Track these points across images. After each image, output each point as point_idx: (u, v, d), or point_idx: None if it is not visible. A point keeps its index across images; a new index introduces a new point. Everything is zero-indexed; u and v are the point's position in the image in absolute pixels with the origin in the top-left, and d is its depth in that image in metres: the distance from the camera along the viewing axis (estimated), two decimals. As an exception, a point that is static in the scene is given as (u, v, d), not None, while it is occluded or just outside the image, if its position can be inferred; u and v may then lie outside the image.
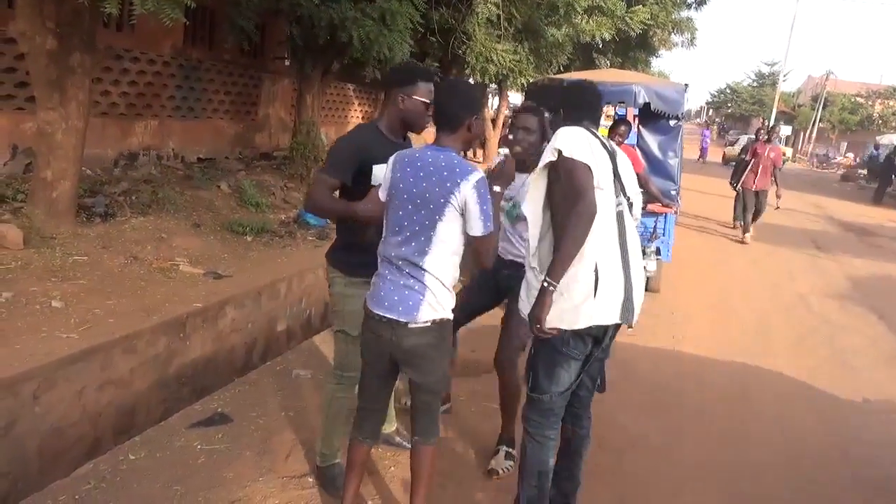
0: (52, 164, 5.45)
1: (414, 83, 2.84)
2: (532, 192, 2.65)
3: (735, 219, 11.99)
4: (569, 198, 2.46)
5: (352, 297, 2.91)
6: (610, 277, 2.54)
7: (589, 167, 2.48)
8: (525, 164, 3.38)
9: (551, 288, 2.47)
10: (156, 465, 3.21)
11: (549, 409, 2.73)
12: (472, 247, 2.50)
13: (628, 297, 2.60)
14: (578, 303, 2.51)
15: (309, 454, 3.41)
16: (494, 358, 3.50)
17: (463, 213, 2.43)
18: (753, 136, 13.45)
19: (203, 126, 9.39)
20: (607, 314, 2.58)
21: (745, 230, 11.17)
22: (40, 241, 5.18)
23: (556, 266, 2.46)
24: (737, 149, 34.93)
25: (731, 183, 11.79)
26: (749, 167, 11.10)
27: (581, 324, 2.54)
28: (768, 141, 11.24)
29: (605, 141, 2.68)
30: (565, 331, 2.56)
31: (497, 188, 2.72)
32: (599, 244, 2.51)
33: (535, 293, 2.55)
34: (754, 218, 11.13)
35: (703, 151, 31.58)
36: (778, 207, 11.92)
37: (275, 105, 11.05)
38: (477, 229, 2.43)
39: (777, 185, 11.22)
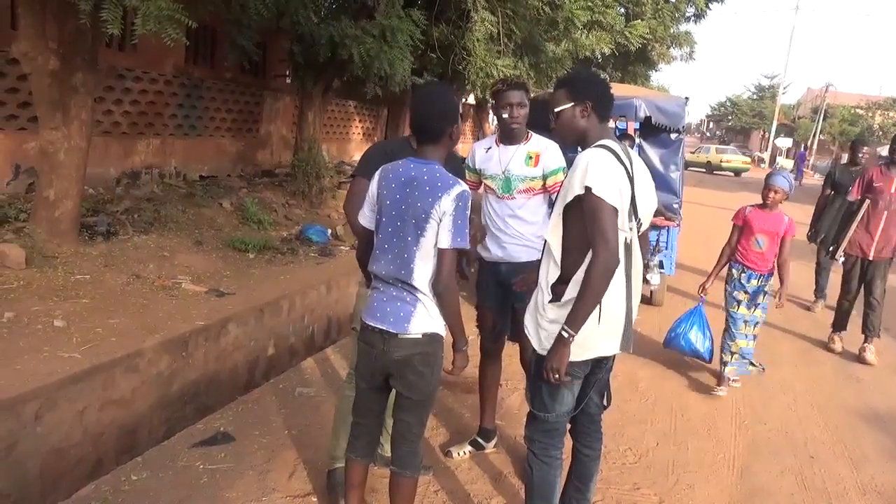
0: (54, 183, 5.47)
1: None
2: (555, 221, 2.57)
3: (817, 297, 7.64)
4: (592, 241, 2.37)
5: (364, 297, 2.98)
6: (613, 310, 2.52)
7: (616, 210, 2.38)
8: (517, 137, 3.44)
9: (571, 338, 2.41)
10: (158, 486, 3.18)
11: (554, 428, 2.70)
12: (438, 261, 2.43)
13: (628, 327, 2.59)
14: (583, 337, 2.46)
15: (313, 472, 3.39)
16: (521, 358, 3.67)
17: (439, 225, 2.40)
18: (847, 158, 7.63)
19: (205, 144, 9.42)
20: (608, 345, 2.58)
21: (839, 326, 6.36)
22: (42, 260, 5.18)
23: (576, 317, 2.39)
24: (704, 155, 34.10)
25: (812, 238, 7.34)
26: (860, 216, 6.00)
27: (584, 356, 2.53)
28: (893, 164, 5.94)
29: (625, 157, 2.53)
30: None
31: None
32: None
33: (544, 315, 2.53)
34: (868, 314, 6.08)
35: (798, 174, 31.31)
36: None
37: (276, 122, 11.09)
38: (444, 240, 2.39)
39: None
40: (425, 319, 2.47)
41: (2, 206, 5.96)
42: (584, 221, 2.42)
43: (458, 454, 3.71)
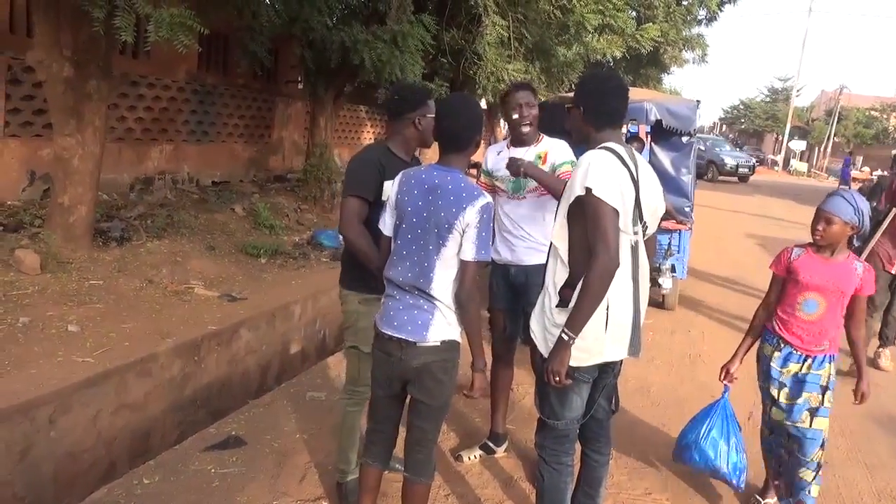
0: (68, 189, 5.52)
1: (425, 103, 2.91)
2: (560, 223, 2.55)
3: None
4: (593, 242, 2.35)
5: (366, 314, 2.95)
6: (620, 315, 2.50)
7: (616, 211, 2.36)
8: (530, 137, 3.47)
9: (571, 341, 2.40)
10: (170, 490, 3.20)
11: (564, 435, 2.67)
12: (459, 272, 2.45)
13: (636, 331, 2.57)
14: (590, 342, 2.45)
15: (323, 477, 3.40)
16: (532, 361, 3.60)
17: (462, 236, 2.41)
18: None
19: (217, 150, 9.49)
20: (616, 350, 2.56)
21: (882, 339, 6.02)
22: (57, 265, 5.23)
23: (577, 320, 2.37)
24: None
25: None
26: (885, 225, 5.56)
27: (591, 361, 2.51)
28: None
29: (629, 160, 2.50)
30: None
31: None
32: (613, 283, 2.43)
33: (551, 319, 2.51)
34: (883, 328, 5.99)
35: (844, 178, 30.71)
36: None
37: (288, 128, 11.15)
38: (468, 252, 2.40)
39: None
40: (443, 327, 2.47)
41: (17, 212, 6.04)
42: (586, 223, 2.41)
43: (469, 458, 3.71)
